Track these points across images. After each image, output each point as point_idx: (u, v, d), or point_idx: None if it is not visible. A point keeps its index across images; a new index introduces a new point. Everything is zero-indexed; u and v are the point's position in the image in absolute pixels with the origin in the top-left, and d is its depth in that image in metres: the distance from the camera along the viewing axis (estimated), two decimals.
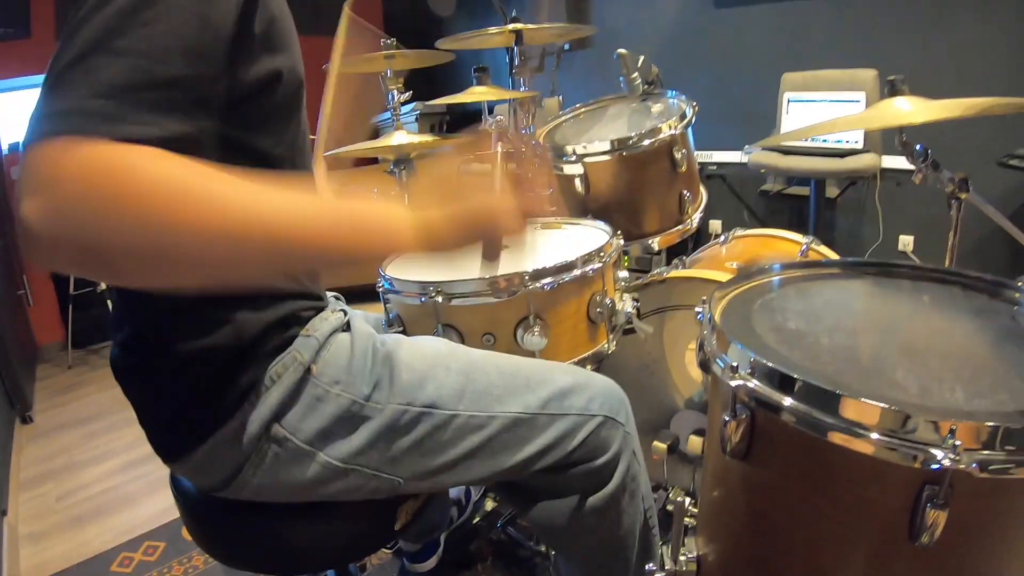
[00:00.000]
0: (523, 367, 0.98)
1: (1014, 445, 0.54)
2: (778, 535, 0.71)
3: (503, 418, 0.91)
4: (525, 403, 0.93)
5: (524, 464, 0.93)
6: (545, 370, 0.99)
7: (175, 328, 0.76)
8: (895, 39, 3.18)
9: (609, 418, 0.98)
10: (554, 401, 0.94)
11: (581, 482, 0.99)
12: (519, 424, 0.92)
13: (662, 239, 1.57)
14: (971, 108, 1.10)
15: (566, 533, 1.03)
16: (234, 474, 0.80)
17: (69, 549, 2.01)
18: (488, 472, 0.91)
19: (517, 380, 0.94)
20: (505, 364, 0.97)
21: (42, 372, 3.65)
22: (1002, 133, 2.76)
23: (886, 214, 3.29)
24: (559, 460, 0.95)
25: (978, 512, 0.59)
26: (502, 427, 0.90)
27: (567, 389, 0.97)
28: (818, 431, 0.61)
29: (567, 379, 0.98)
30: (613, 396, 1.02)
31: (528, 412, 0.92)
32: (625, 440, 1.01)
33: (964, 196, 1.23)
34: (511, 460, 0.92)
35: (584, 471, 0.98)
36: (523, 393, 0.93)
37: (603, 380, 1.03)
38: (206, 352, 0.76)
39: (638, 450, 1.06)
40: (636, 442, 1.05)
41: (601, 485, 1.00)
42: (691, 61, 3.85)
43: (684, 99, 1.60)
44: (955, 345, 0.73)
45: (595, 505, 0.99)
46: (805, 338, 0.73)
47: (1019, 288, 0.84)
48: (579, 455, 0.96)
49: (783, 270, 0.94)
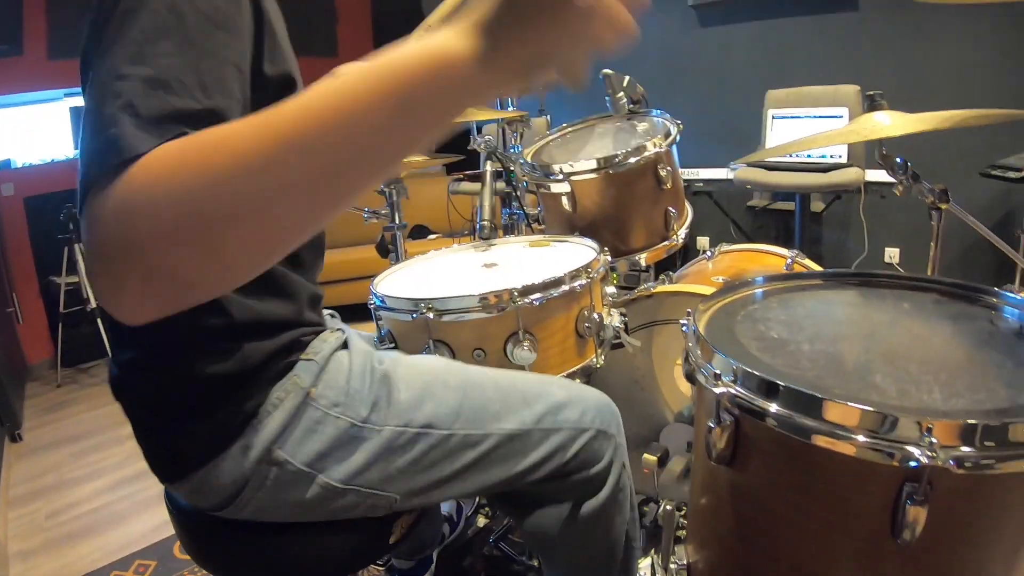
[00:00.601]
0: (519, 382, 1.00)
1: (991, 442, 0.56)
2: (764, 538, 0.73)
3: (499, 434, 0.92)
4: (521, 419, 0.94)
5: (519, 476, 0.95)
6: (540, 385, 1.01)
7: (181, 353, 0.77)
8: (876, 55, 3.25)
9: (601, 431, 1.01)
10: (549, 416, 0.96)
11: (574, 491, 1.01)
12: (514, 439, 0.93)
13: (649, 255, 1.59)
14: (947, 120, 1.14)
15: (557, 541, 1.04)
16: (234, 496, 0.81)
17: (59, 567, 2.00)
18: (483, 485, 0.93)
19: (513, 396, 0.96)
20: (502, 379, 0.99)
21: (31, 390, 3.64)
22: (986, 144, 2.83)
23: (871, 227, 3.34)
24: (553, 471, 0.97)
25: (958, 508, 0.61)
26: (498, 443, 0.92)
27: (562, 403, 0.98)
28: (801, 434, 0.62)
29: (561, 394, 1.00)
30: (606, 409, 1.04)
31: (523, 427, 0.94)
32: (617, 451, 1.03)
33: (944, 206, 1.26)
34: (506, 473, 0.93)
35: (578, 481, 1.00)
36: (519, 409, 0.95)
37: (596, 394, 1.06)
38: (211, 378, 0.77)
39: (627, 462, 1.08)
40: (626, 454, 1.07)
41: (593, 493, 1.02)
42: (677, 79, 3.92)
43: (669, 117, 1.64)
44: (933, 349, 0.75)
45: (587, 513, 1.01)
46: (787, 346, 0.76)
47: (996, 293, 0.87)
48: (573, 466, 0.98)
49: (766, 282, 0.97)
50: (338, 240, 4.05)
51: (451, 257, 1.53)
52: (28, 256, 3.86)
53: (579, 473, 0.99)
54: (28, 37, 3.72)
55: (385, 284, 1.35)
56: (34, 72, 3.75)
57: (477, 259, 1.47)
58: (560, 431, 0.97)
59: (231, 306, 0.77)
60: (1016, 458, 0.56)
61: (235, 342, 0.78)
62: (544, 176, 1.57)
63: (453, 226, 2.70)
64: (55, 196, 3.70)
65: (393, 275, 1.43)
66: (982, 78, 2.96)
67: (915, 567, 0.64)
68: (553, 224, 1.71)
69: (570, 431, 0.97)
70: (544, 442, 0.95)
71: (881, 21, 3.21)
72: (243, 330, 0.78)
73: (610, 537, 1.07)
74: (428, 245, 1.78)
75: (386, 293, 1.21)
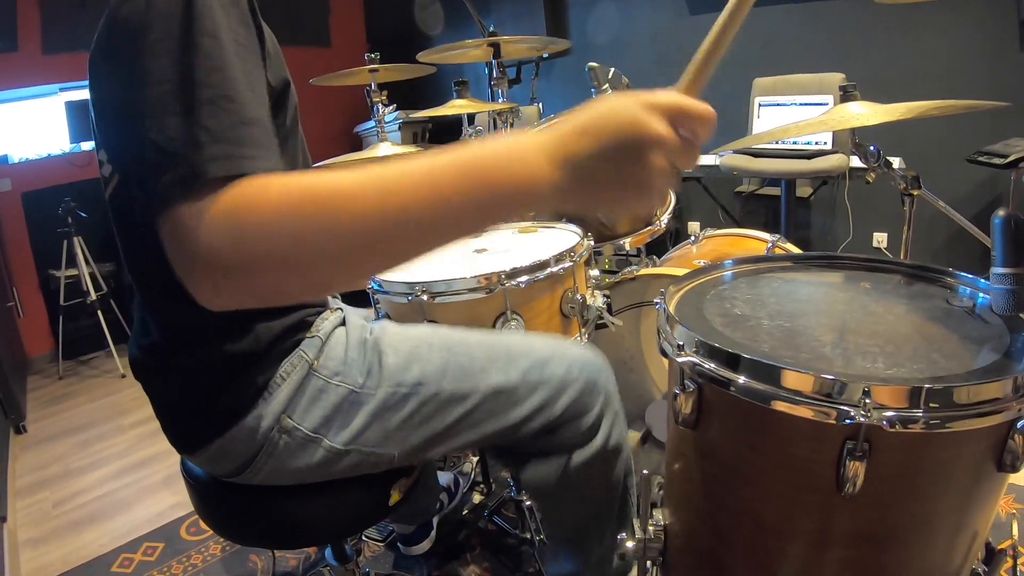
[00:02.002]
0: (504, 340, 1.06)
1: (924, 405, 0.63)
2: (727, 496, 0.80)
3: (485, 389, 0.98)
4: (506, 374, 1.00)
5: (510, 430, 1.01)
6: (524, 342, 1.07)
7: (200, 336, 0.84)
8: (862, 45, 3.29)
9: (589, 383, 1.05)
10: (534, 370, 1.02)
11: (568, 441, 1.07)
12: (500, 394, 0.99)
13: (633, 239, 1.65)
14: (915, 110, 1.18)
15: (555, 492, 1.10)
16: (248, 462, 0.89)
17: (68, 553, 2.05)
18: (475, 439, 0.99)
19: (498, 352, 1.02)
20: (486, 339, 1.05)
21: (33, 383, 3.68)
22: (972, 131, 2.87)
23: (859, 212, 3.40)
24: (544, 425, 1.03)
25: (897, 464, 0.67)
26: (484, 397, 0.98)
27: (546, 359, 1.04)
28: (762, 400, 0.69)
29: (546, 350, 1.05)
30: (591, 363, 1.09)
31: (509, 382, 1.00)
32: (607, 401, 1.09)
33: (916, 193, 1.31)
34: (496, 427, 0.99)
35: (570, 431, 1.06)
36: (504, 365, 1.01)
37: (580, 349, 1.11)
38: (227, 357, 0.85)
39: (620, 412, 1.13)
40: (619, 404, 1.12)
41: (586, 443, 1.07)
42: (667, 67, 3.92)
43: None
44: (885, 325, 0.81)
45: (581, 461, 1.07)
46: (748, 321, 0.82)
47: (954, 275, 0.93)
48: (564, 418, 1.04)
49: (736, 265, 1.03)
50: None
51: None
52: (27, 251, 3.90)
53: (570, 425, 1.05)
54: (22, 32, 3.73)
55: None
56: (29, 67, 3.76)
57: (469, 245, 1.53)
58: (546, 384, 1.02)
59: None
60: (957, 418, 0.63)
61: (249, 325, 0.85)
62: None
63: None
64: (52, 191, 3.72)
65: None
66: (966, 67, 3.01)
67: (861, 518, 0.70)
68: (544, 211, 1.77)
69: (557, 385, 1.03)
70: (531, 396, 1.01)
71: (867, 10, 3.24)
72: (256, 314, 0.86)
73: (606, 485, 1.13)
74: None
75: (383, 277, 1.28)
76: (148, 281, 0.85)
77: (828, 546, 0.73)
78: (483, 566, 1.72)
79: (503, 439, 1.02)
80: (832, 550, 0.73)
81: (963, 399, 0.63)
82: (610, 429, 1.09)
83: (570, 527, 1.17)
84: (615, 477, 1.14)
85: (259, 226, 0.52)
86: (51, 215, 3.53)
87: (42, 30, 3.77)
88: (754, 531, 0.78)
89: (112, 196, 0.82)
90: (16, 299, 3.72)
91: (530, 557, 1.70)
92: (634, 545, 0.95)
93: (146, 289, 0.86)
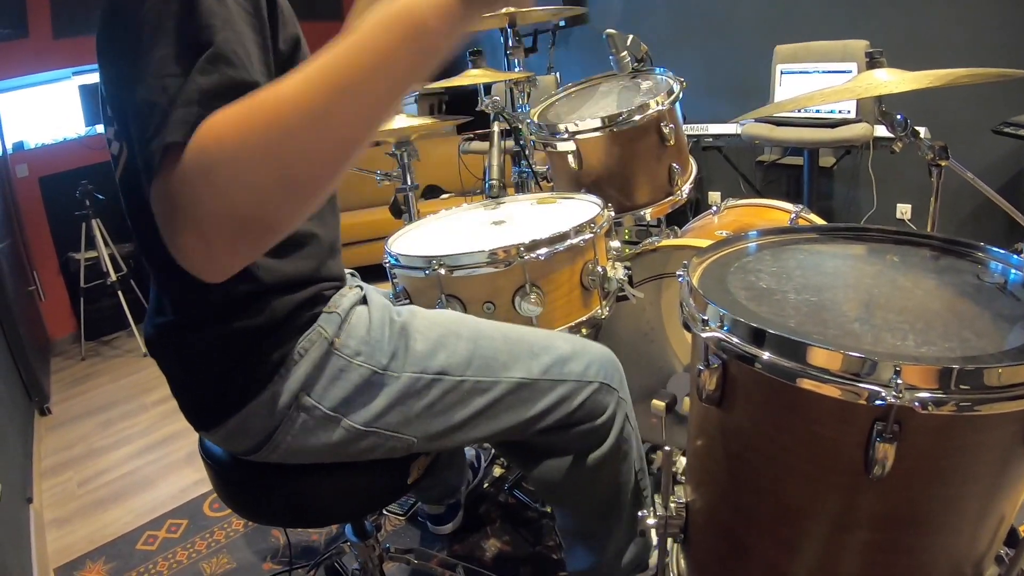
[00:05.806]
0: (526, 335, 1.05)
1: (955, 386, 0.60)
2: (750, 474, 0.78)
3: (507, 382, 0.98)
4: (528, 369, 1.00)
5: (527, 424, 1.01)
6: (546, 338, 1.06)
7: (214, 312, 0.83)
8: (886, 10, 3.19)
9: (604, 384, 1.06)
10: (555, 367, 1.02)
11: (579, 441, 1.07)
12: (522, 388, 0.99)
13: (653, 210, 1.62)
14: (944, 78, 1.14)
15: (565, 489, 1.10)
16: (265, 440, 0.88)
17: (93, 531, 2.09)
18: (494, 431, 0.99)
19: (521, 347, 1.02)
20: (510, 332, 1.04)
21: (56, 365, 3.74)
22: (1000, 101, 2.78)
23: (883, 183, 3.32)
24: (559, 421, 1.03)
25: (927, 447, 0.65)
26: (506, 390, 0.98)
27: (567, 356, 1.04)
28: (787, 377, 0.67)
29: (567, 347, 1.05)
30: (609, 363, 1.09)
31: (530, 377, 1.00)
32: (619, 404, 1.09)
33: (944, 163, 1.27)
34: (515, 420, 0.99)
35: (582, 431, 1.06)
36: (526, 360, 1.01)
37: (599, 348, 1.11)
38: (241, 332, 0.83)
39: (631, 414, 1.13)
40: (630, 407, 1.13)
41: (598, 444, 1.08)
42: (686, 36, 3.87)
43: (672, 75, 1.65)
44: (914, 300, 0.78)
45: (592, 462, 1.07)
46: (774, 295, 0.79)
47: (986, 249, 0.89)
48: (578, 416, 1.04)
49: (760, 236, 1.00)
50: (353, 203, 4.10)
51: (462, 216, 1.58)
52: (46, 235, 3.94)
53: (583, 424, 1.05)
54: (32, 18, 3.72)
55: (399, 243, 1.41)
56: (41, 53, 3.76)
57: (486, 217, 1.51)
58: (565, 382, 1.02)
59: (259, 271, 0.82)
60: (987, 401, 0.60)
61: (263, 300, 0.84)
62: (550, 135, 1.60)
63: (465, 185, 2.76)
64: (69, 174, 3.75)
65: (407, 235, 1.48)
66: (993, 35, 2.90)
67: (888, 501, 0.68)
68: (560, 182, 1.74)
69: (575, 383, 1.03)
70: (550, 392, 1.01)
71: None
72: (269, 287, 0.84)
73: (615, 485, 1.13)
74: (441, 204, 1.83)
75: (400, 252, 1.26)
76: (160, 259, 0.83)
77: (852, 528, 0.71)
78: (504, 539, 1.72)
79: (519, 433, 1.02)
80: (856, 532, 0.71)
81: (994, 382, 0.60)
82: (621, 429, 1.10)
83: (580, 523, 1.18)
84: (625, 476, 1.14)
85: (219, 154, 0.53)
86: (69, 198, 3.56)
87: (52, 14, 3.77)
88: (777, 511, 0.76)
89: (122, 176, 0.82)
90: (37, 283, 3.77)
91: (551, 530, 1.70)
92: (655, 522, 0.94)
93: (158, 268, 0.85)
